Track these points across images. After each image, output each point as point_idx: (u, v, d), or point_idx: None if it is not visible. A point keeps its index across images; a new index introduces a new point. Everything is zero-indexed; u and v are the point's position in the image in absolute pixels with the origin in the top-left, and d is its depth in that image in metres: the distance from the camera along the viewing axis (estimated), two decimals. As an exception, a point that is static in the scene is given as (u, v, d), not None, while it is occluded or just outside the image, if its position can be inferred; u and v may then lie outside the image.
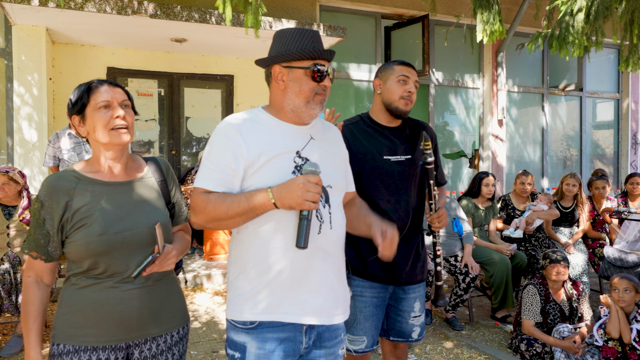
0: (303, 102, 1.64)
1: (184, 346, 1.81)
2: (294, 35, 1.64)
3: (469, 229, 4.58)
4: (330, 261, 1.67)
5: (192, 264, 6.16)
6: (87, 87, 1.66)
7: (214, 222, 1.57)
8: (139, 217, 1.66)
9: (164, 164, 1.84)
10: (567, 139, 9.59)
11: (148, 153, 7.30)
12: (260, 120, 1.66)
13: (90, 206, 1.62)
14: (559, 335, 3.72)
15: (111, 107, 1.64)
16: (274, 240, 1.59)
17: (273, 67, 1.67)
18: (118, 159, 1.70)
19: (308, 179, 1.49)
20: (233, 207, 1.53)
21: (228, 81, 7.43)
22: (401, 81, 2.31)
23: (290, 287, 1.60)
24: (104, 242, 1.59)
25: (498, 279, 4.50)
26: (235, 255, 1.67)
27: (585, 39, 4.56)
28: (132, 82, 7.07)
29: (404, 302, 2.38)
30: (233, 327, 1.64)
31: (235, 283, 1.65)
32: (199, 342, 4.01)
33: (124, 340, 1.65)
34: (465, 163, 8.69)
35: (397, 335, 2.41)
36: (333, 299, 1.68)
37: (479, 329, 4.42)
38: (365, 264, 2.30)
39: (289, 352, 1.61)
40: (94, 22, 5.49)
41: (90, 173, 1.68)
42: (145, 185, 1.75)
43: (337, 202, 1.72)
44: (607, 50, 9.41)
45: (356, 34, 7.72)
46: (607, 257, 4.37)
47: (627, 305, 3.46)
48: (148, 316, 1.68)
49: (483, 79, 8.61)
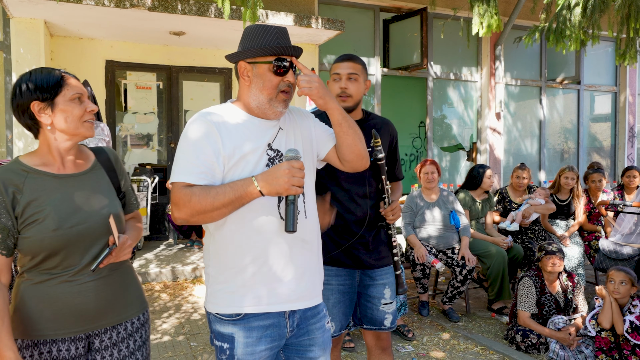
0: (266, 98, 1.66)
1: (146, 332, 1.82)
2: (259, 32, 1.66)
3: (466, 221, 4.62)
4: (309, 249, 1.73)
5: (192, 256, 6.20)
6: (60, 76, 1.63)
7: (199, 216, 1.55)
8: (92, 209, 1.65)
9: (112, 153, 1.84)
10: (564, 131, 9.63)
11: (147, 146, 7.32)
12: (231, 115, 1.68)
13: (41, 200, 1.58)
14: (554, 326, 3.77)
15: (82, 100, 1.65)
16: (254, 234, 1.62)
17: (239, 63, 1.69)
18: (73, 151, 1.70)
19: (292, 164, 1.53)
20: (219, 198, 1.53)
21: (226, 74, 7.43)
22: (336, 80, 2.37)
23: (273, 278, 1.64)
24: (59, 237, 1.57)
25: (494, 271, 4.55)
26: (214, 250, 1.68)
27: (582, 32, 4.58)
28: (130, 75, 7.08)
29: (372, 288, 2.41)
30: (218, 319, 1.67)
31: (217, 277, 1.67)
32: (198, 333, 4.06)
33: (82, 331, 1.66)
34: (463, 156, 8.72)
35: (370, 323, 2.43)
36: (313, 283, 1.75)
37: (476, 321, 4.47)
38: (329, 253, 2.34)
39: (275, 337, 1.67)
40: (92, 14, 5.49)
41: (39, 166, 1.64)
42: (95, 176, 1.74)
43: (310, 194, 1.76)
44: (604, 44, 9.42)
45: (354, 26, 7.72)
46: (602, 249, 4.42)
47: (621, 297, 3.51)
48: (105, 306, 1.68)
49: (481, 72, 8.63)
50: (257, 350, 1.64)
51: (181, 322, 4.30)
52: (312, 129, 1.82)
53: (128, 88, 7.10)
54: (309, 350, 1.75)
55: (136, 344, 1.77)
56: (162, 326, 4.21)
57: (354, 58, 2.40)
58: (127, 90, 7.09)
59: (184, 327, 4.20)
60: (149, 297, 4.97)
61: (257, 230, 1.62)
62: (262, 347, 1.64)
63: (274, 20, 5.92)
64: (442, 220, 4.54)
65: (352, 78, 2.35)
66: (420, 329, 4.24)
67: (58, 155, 1.67)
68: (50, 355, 1.62)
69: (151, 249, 6.54)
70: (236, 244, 1.63)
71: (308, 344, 1.75)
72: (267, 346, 1.65)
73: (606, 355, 3.46)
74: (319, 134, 1.83)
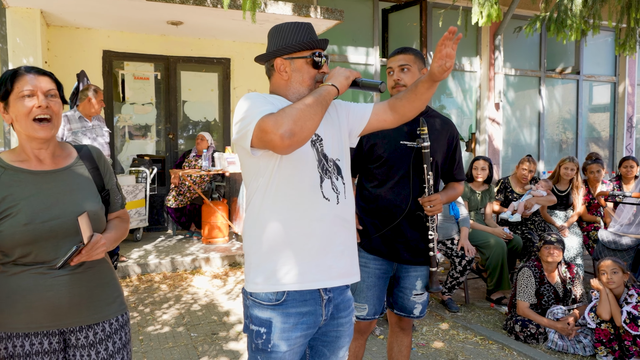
0: (307, 90, 1.76)
1: (126, 335, 1.81)
2: (292, 29, 1.77)
3: (465, 212, 4.63)
4: (348, 228, 1.81)
5: (191, 247, 6.21)
6: (12, 73, 1.62)
7: (300, 123, 1.53)
8: (66, 205, 1.65)
9: (95, 151, 1.83)
10: (563, 122, 9.62)
11: (145, 137, 7.29)
12: (276, 100, 1.74)
13: (15, 196, 1.59)
14: (553, 316, 3.79)
15: (34, 96, 1.62)
16: (297, 213, 1.69)
17: (275, 61, 1.77)
18: (44, 148, 1.68)
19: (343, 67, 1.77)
20: (306, 100, 1.60)
21: (225, 64, 7.39)
22: (390, 73, 2.47)
23: (316, 255, 1.70)
24: (30, 232, 1.58)
25: (494, 262, 4.57)
26: (256, 232, 1.72)
27: (583, 22, 4.55)
28: (128, 66, 7.03)
29: (405, 280, 2.53)
30: (257, 304, 1.70)
31: (259, 257, 1.71)
32: (198, 324, 4.07)
33: (55, 326, 1.65)
34: (462, 147, 8.71)
35: (400, 310, 2.59)
36: (351, 261, 1.83)
37: (475, 311, 4.49)
38: (370, 240, 2.48)
39: (311, 324, 1.73)
40: (89, 4, 5.44)
41: (17, 162, 1.65)
42: (74, 173, 1.73)
43: (347, 175, 1.84)
44: (604, 34, 9.38)
45: (353, 16, 7.67)
46: (601, 240, 4.43)
47: (617, 286, 3.52)
48: (79, 303, 1.67)
49: (480, 62, 8.60)
50: (292, 336, 1.69)
51: (181, 313, 4.31)
52: (344, 113, 1.89)
53: (126, 78, 7.05)
54: (334, 340, 1.83)
55: (115, 346, 1.76)
56: (162, 317, 4.22)
57: (406, 50, 2.48)
58: (125, 81, 7.05)
59: (184, 318, 4.21)
60: (149, 287, 4.98)
61: (300, 209, 1.69)
62: (298, 333, 1.70)
63: (273, 9, 5.88)
64: (441, 211, 4.54)
65: (405, 69, 2.43)
66: (420, 319, 4.25)
67: (30, 152, 1.67)
68: (23, 349, 1.63)
69: (150, 240, 6.54)
70: (280, 221, 1.68)
71: (335, 336, 1.82)
72: (302, 333, 1.71)
73: (605, 347, 3.48)
74: (353, 111, 1.90)
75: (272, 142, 1.53)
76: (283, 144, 1.52)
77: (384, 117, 1.85)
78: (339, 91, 1.69)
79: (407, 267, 2.51)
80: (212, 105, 7.57)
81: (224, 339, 3.79)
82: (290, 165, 1.67)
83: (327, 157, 1.76)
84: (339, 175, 1.79)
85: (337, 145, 1.81)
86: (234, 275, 5.42)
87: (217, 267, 5.71)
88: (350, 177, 1.86)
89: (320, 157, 1.74)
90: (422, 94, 1.75)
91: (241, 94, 7.39)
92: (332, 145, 1.79)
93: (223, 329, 3.99)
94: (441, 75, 1.68)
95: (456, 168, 2.64)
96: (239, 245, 6.28)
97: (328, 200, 1.72)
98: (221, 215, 6.29)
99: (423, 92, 1.75)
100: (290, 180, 1.68)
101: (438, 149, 2.51)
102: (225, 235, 6.41)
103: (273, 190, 1.68)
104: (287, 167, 1.67)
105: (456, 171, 2.64)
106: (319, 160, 1.73)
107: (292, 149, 1.56)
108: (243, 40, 7.23)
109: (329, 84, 1.69)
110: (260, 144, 1.58)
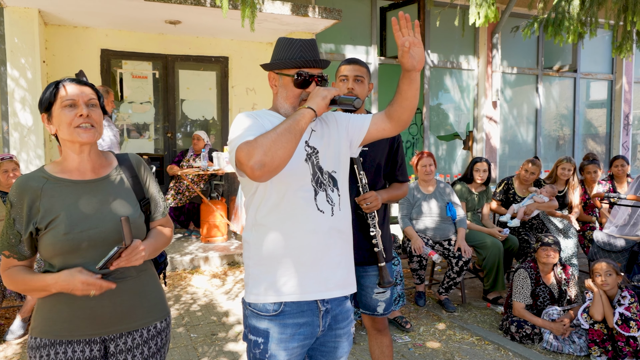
0: (290, 107, 1.80)
1: (162, 339, 1.84)
2: (286, 45, 1.79)
3: (462, 213, 4.67)
4: (344, 239, 1.84)
5: (190, 246, 6.23)
6: (55, 85, 1.69)
7: (270, 153, 1.55)
8: (105, 214, 1.69)
9: (135, 159, 1.86)
10: (560, 120, 9.65)
11: (143, 136, 7.30)
12: (269, 117, 1.79)
13: (57, 206, 1.64)
14: (548, 317, 3.84)
15: (76, 106, 1.67)
16: (293, 225, 1.72)
17: (269, 73, 1.84)
18: (85, 157, 1.72)
19: (320, 88, 1.73)
20: (278, 129, 1.58)
21: (223, 63, 7.39)
22: (343, 80, 2.54)
23: (312, 266, 1.74)
24: (69, 241, 1.62)
25: (490, 262, 4.61)
26: (254, 242, 1.77)
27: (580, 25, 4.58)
28: (126, 64, 7.03)
29: (365, 279, 2.61)
30: (255, 314, 1.75)
31: (257, 268, 1.76)
32: (198, 325, 4.10)
33: (97, 334, 1.70)
34: (459, 145, 8.75)
35: (365, 308, 2.67)
36: (348, 272, 1.85)
37: (471, 311, 4.54)
38: None
39: (308, 335, 1.76)
40: (87, 3, 5.43)
41: (59, 173, 1.71)
42: (113, 182, 1.76)
43: (344, 188, 1.86)
44: (601, 32, 9.41)
45: (351, 15, 7.67)
46: (596, 241, 4.47)
47: (610, 287, 3.57)
48: (121, 312, 1.72)
49: (478, 60, 8.62)
50: (289, 346, 1.73)
51: (180, 314, 4.35)
52: (344, 124, 1.90)
53: (124, 77, 7.05)
54: (333, 351, 1.86)
55: (150, 351, 1.80)
56: (161, 317, 4.25)
57: (361, 62, 2.59)
58: (123, 80, 7.05)
59: (183, 318, 4.25)
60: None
61: (295, 221, 1.72)
62: (295, 344, 1.74)
63: (271, 9, 5.88)
64: (438, 212, 4.59)
65: (359, 80, 2.53)
66: (417, 319, 4.30)
67: (73, 162, 1.73)
68: (66, 355, 1.67)
69: (149, 239, 6.55)
70: (275, 234, 1.72)
71: (333, 346, 1.86)
72: (299, 343, 1.75)
73: (599, 347, 3.53)
74: (352, 121, 1.90)
75: (245, 172, 1.59)
76: (254, 175, 1.57)
77: (383, 126, 1.87)
78: (316, 113, 1.65)
79: (365, 267, 2.58)
80: (211, 103, 7.58)
81: (223, 339, 3.83)
82: (284, 181, 1.71)
83: (323, 170, 1.78)
84: (335, 187, 1.81)
85: (333, 157, 1.83)
86: (233, 275, 5.45)
87: (216, 266, 5.74)
88: (347, 188, 1.89)
89: (315, 170, 1.77)
90: (406, 91, 1.73)
91: (239, 93, 7.41)
92: (328, 157, 1.81)
93: (222, 329, 4.02)
94: (406, 61, 1.65)
95: (398, 169, 2.70)
96: (238, 244, 6.31)
97: (322, 212, 1.75)
98: (220, 214, 6.31)
99: (406, 90, 1.73)
100: (283, 195, 1.72)
101: (379, 152, 2.59)
102: (224, 234, 6.44)
103: (268, 204, 1.73)
104: (280, 183, 1.71)
105: (398, 172, 2.70)
106: (313, 173, 1.76)
107: (265, 179, 1.59)
108: (241, 38, 7.23)
109: (305, 107, 1.66)
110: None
